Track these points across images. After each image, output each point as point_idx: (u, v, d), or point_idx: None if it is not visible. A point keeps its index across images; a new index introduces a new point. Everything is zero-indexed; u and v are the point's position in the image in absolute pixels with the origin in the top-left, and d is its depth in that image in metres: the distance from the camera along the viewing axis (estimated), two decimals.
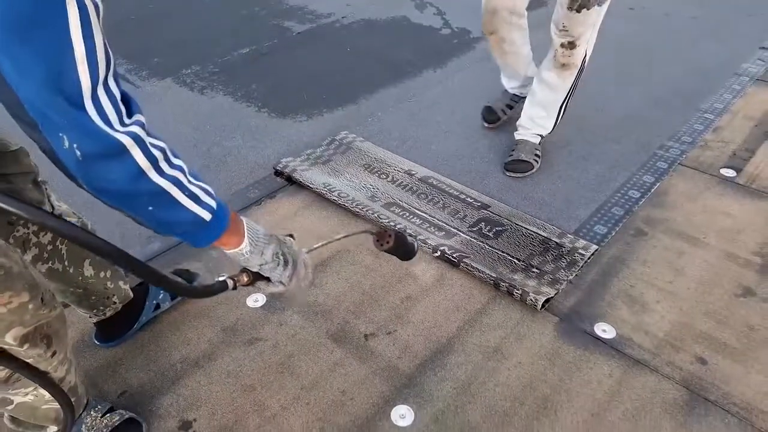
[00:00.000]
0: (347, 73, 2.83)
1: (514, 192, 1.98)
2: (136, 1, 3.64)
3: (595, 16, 1.77)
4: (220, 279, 0.99)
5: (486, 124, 2.29)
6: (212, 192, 0.90)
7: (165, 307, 1.50)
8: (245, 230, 0.95)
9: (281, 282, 1.01)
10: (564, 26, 1.78)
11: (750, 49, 2.93)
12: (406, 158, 2.12)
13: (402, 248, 1.18)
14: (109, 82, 0.73)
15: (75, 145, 0.71)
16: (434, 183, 2.00)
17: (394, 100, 2.54)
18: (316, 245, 1.16)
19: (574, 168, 2.09)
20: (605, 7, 1.77)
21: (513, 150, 2.09)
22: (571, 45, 1.82)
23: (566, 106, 2.02)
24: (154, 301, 1.47)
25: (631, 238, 1.77)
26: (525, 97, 2.14)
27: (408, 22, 3.36)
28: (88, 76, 0.69)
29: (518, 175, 2.04)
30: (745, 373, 1.36)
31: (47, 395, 1.00)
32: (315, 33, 3.26)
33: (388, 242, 1.13)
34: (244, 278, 1.00)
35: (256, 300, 1.56)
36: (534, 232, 1.78)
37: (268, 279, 1.02)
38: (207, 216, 0.86)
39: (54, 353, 1.00)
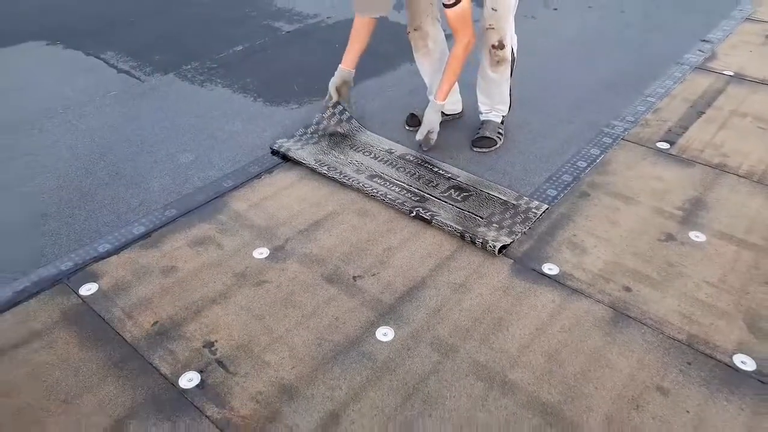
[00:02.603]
0: (333, 66, 3.12)
1: (480, 164, 2.29)
2: (133, 4, 3.91)
3: (507, 10, 2.13)
4: None
5: (407, 127, 2.52)
6: None
7: None
8: None
9: None
10: (491, 25, 2.14)
11: (692, 42, 3.29)
12: (386, 138, 2.42)
13: None
14: None
15: None
16: (410, 159, 2.31)
17: (376, 89, 2.85)
18: None
19: (532, 144, 2.42)
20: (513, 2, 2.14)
21: (479, 129, 2.41)
22: (501, 45, 2.19)
23: (511, 88, 2.37)
24: None
25: (577, 198, 2.09)
26: (447, 114, 2.49)
27: (386, 22, 3.65)
28: None
29: (484, 150, 2.35)
30: (661, 297, 1.69)
31: None
32: (302, 32, 3.56)
33: None
34: None
35: (261, 252, 1.86)
36: (495, 196, 2.09)
37: None
38: None
39: None
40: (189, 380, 1.45)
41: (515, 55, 2.28)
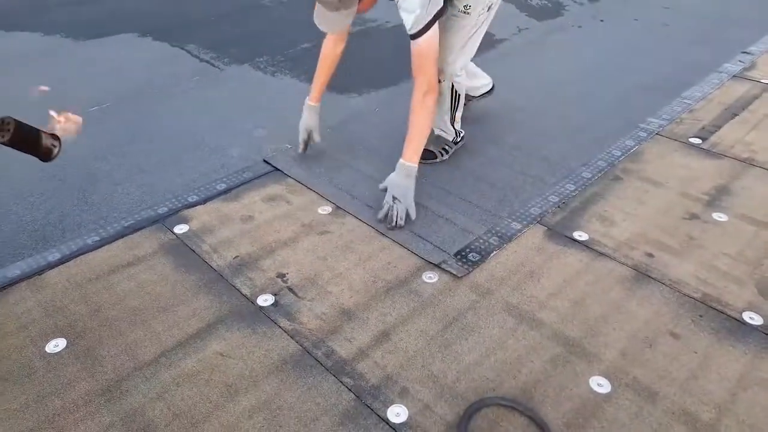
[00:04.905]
0: (390, 62, 3.42)
1: (520, 149, 2.52)
2: (210, 7, 4.33)
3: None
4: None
5: None
6: None
7: None
8: None
9: None
10: None
11: (733, 53, 3.43)
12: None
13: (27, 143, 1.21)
14: None
15: None
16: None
17: None
18: None
19: (572, 135, 2.63)
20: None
21: None
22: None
23: (454, 122, 2.40)
24: None
25: (610, 181, 2.29)
26: (474, 96, 2.73)
27: None
28: None
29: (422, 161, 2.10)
30: (680, 263, 1.87)
31: None
32: (363, 33, 3.88)
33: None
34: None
35: (324, 210, 2.13)
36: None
37: None
38: None
39: None
40: (265, 300, 1.73)
41: (458, 93, 2.30)
